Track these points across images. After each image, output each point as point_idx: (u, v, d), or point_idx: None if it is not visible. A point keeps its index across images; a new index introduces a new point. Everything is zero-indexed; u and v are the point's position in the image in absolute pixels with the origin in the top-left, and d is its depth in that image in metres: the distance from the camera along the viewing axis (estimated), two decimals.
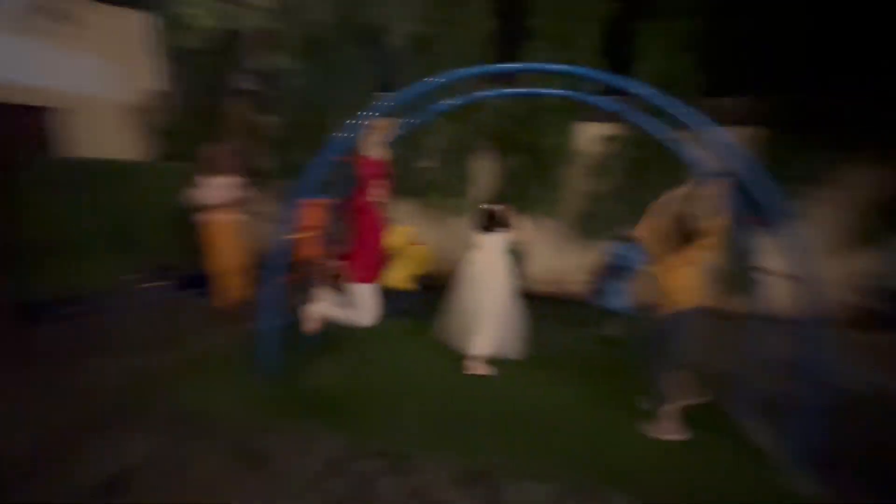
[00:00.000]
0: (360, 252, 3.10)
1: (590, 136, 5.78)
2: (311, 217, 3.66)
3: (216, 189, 4.12)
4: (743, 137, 5.70)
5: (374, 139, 2.92)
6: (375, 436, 2.63)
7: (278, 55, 6.66)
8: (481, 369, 3.48)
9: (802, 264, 2.41)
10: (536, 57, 5.31)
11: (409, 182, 6.29)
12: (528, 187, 5.74)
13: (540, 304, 5.52)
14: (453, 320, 3.80)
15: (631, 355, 3.56)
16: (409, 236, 4.45)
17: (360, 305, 3.08)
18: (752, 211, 2.70)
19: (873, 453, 2.73)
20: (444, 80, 2.81)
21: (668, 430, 2.76)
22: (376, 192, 3.09)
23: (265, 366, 3.11)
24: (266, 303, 3.04)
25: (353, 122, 2.97)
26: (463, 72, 2.90)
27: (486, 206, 3.79)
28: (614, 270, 3.89)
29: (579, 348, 4.10)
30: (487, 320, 3.51)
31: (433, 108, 3.78)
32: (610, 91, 3.48)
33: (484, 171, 6.22)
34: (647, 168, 5.37)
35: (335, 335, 3.95)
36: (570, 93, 3.57)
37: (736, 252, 3.38)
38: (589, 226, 5.58)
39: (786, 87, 5.48)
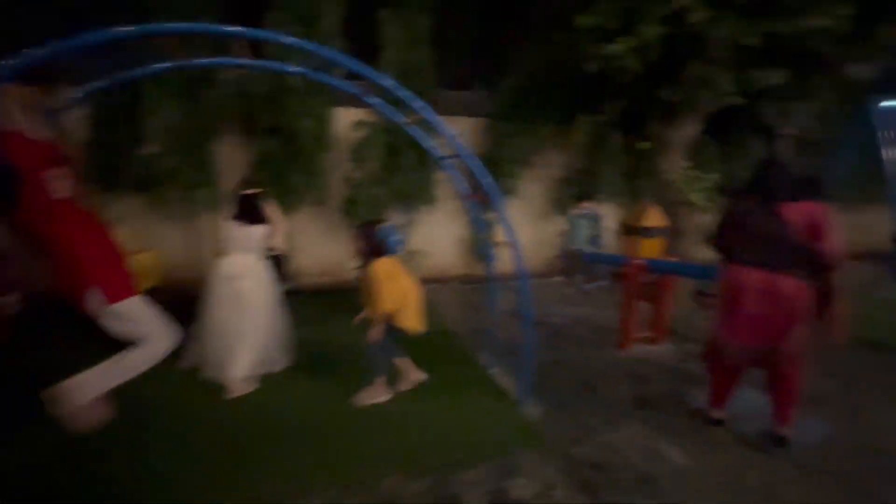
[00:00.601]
0: (86, 263, 2.19)
1: (347, 121, 5.72)
2: None
3: None
4: (474, 126, 6.69)
5: (10, 109, 2.01)
6: None
7: None
8: (244, 389, 3.04)
9: (511, 233, 2.89)
10: (276, 30, 4.84)
11: (130, 173, 4.98)
12: (286, 175, 5.29)
13: (310, 299, 5.30)
14: (204, 338, 3.17)
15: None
16: (130, 242, 3.47)
17: (144, 330, 2.17)
18: (477, 191, 3.12)
19: (577, 369, 3.64)
20: (132, 31, 2.15)
21: (376, 394, 2.98)
22: (55, 185, 2.20)
23: None
24: None
25: None
26: (158, 27, 2.28)
27: (243, 191, 3.26)
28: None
29: (350, 339, 4.05)
30: (248, 334, 3.06)
31: (132, 73, 2.95)
32: (354, 76, 3.42)
33: (232, 158, 5.43)
34: (400, 153, 5.68)
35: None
36: (310, 72, 3.31)
37: (474, 226, 3.89)
38: (352, 212, 5.57)
39: (500, 84, 6.63)
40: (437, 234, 6.58)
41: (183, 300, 3.31)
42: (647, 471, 2.38)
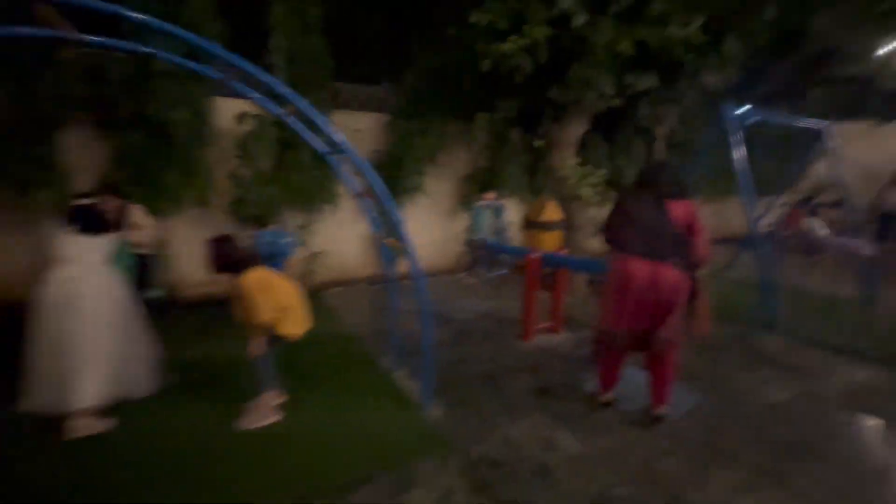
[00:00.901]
0: None
1: (232, 113, 5.16)
2: None
3: None
4: (379, 122, 6.48)
5: None
6: None
7: None
8: (93, 427, 2.54)
9: (403, 231, 2.77)
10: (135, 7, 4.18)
11: None
12: (156, 173, 4.62)
13: (192, 311, 4.72)
14: (37, 369, 2.59)
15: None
16: None
17: None
18: (369, 189, 2.94)
19: (481, 364, 3.63)
20: None
21: (263, 414, 2.74)
22: None
23: None
24: None
25: None
26: None
27: (82, 200, 2.76)
28: (263, 259, 3.59)
29: (233, 355, 3.62)
30: (91, 354, 2.55)
31: None
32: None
33: (85, 154, 4.61)
34: (295, 149, 5.28)
35: None
36: (164, 54, 2.83)
37: (370, 225, 3.69)
38: (242, 213, 5.05)
39: (402, 80, 6.50)
40: (341, 234, 6.26)
41: (17, 326, 2.68)
42: (544, 462, 2.42)
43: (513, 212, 6.78)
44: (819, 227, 5.24)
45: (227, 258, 2.54)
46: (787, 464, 2.45)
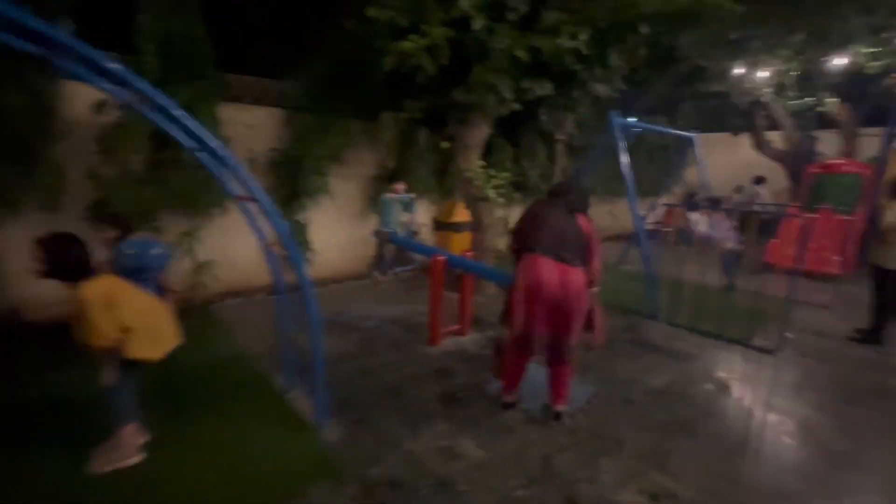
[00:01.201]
0: None
1: (89, 101, 4.40)
2: None
3: None
4: (276, 118, 6.00)
5: None
6: None
7: None
8: None
9: (288, 237, 2.52)
10: None
11: None
12: None
13: (37, 338, 3.93)
14: None
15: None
16: None
17: None
18: (248, 191, 2.63)
19: (386, 374, 3.47)
20: None
21: (121, 453, 2.36)
22: None
23: None
24: None
25: None
26: None
27: None
28: (127, 273, 3.05)
29: (84, 388, 3.02)
30: None
31: None
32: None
33: None
34: (175, 145, 4.65)
35: None
36: None
37: (257, 231, 3.34)
38: (103, 217, 4.32)
39: (300, 74, 6.08)
40: (236, 241, 5.67)
41: None
42: (444, 474, 2.34)
43: (423, 213, 6.71)
44: (698, 222, 5.95)
45: (59, 261, 2.07)
46: (667, 445, 2.65)
